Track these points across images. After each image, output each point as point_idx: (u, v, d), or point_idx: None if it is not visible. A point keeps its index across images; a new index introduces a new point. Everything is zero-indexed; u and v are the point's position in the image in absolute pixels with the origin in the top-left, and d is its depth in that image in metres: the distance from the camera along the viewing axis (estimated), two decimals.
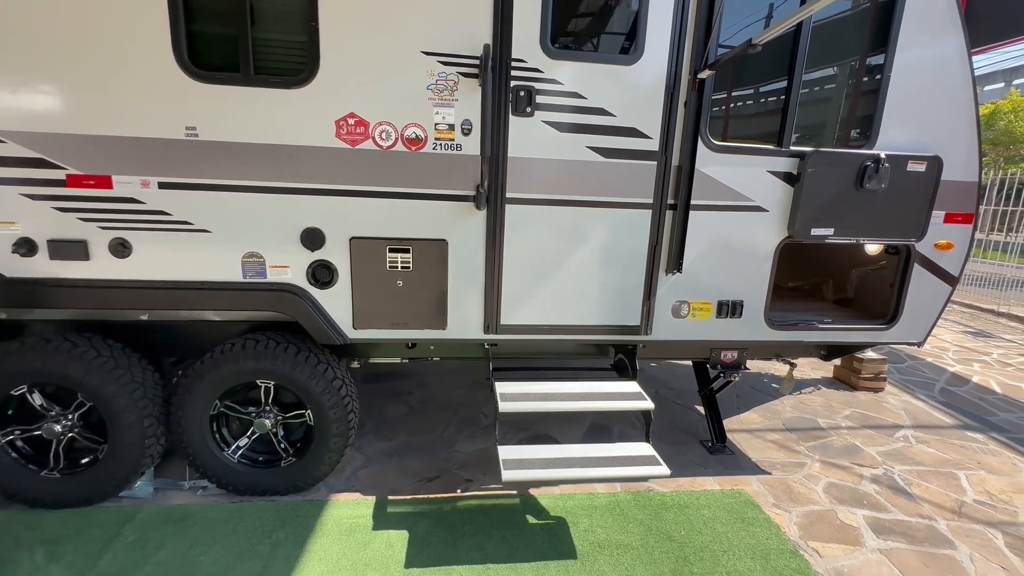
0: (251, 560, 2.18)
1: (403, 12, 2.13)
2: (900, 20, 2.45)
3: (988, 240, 10.10)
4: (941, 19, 2.47)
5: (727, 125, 2.87)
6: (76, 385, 2.33)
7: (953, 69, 2.50)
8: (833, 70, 2.80)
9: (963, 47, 2.49)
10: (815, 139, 2.75)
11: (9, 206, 2.13)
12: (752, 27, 2.56)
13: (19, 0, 1.96)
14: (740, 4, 2.50)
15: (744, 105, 2.89)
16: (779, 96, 2.52)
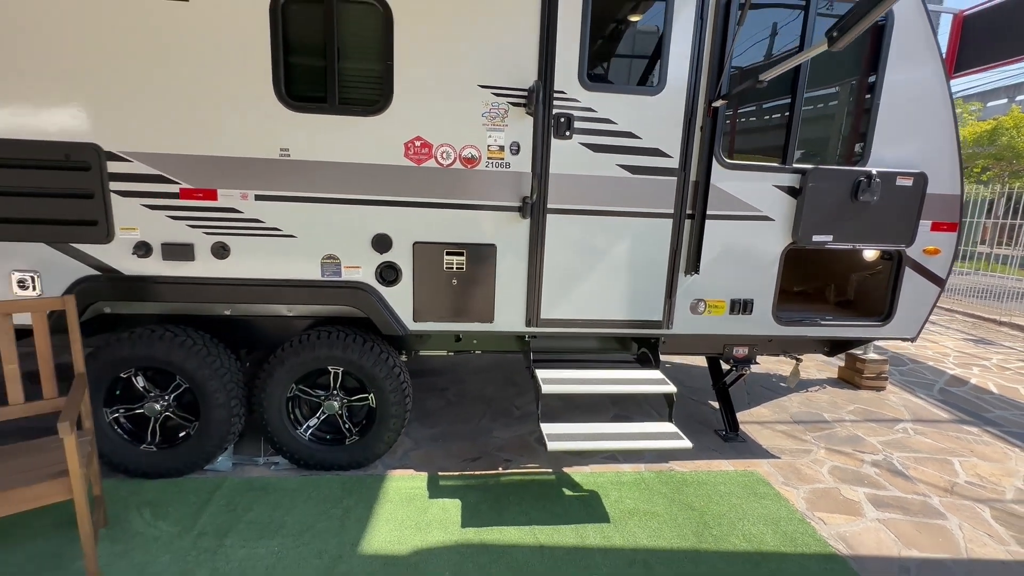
0: (328, 521, 2.52)
1: (463, 52, 2.54)
2: (887, 51, 2.83)
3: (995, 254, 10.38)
4: (921, 49, 2.85)
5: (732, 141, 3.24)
6: (176, 369, 2.70)
7: (934, 94, 2.87)
8: (830, 94, 3.17)
9: (941, 74, 2.87)
10: (815, 157, 3.11)
11: (132, 215, 2.53)
12: (761, 47, 2.95)
13: (145, 50, 2.38)
14: (748, 42, 2.89)
15: (751, 123, 3.26)
16: (783, 115, 2.89)
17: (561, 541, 2.44)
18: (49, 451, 2.15)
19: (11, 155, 2.40)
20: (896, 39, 2.81)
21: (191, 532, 2.39)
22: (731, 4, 2.61)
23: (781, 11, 2.93)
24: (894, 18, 2.78)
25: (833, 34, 1.85)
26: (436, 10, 2.49)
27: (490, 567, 2.25)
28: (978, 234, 10.30)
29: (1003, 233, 9.38)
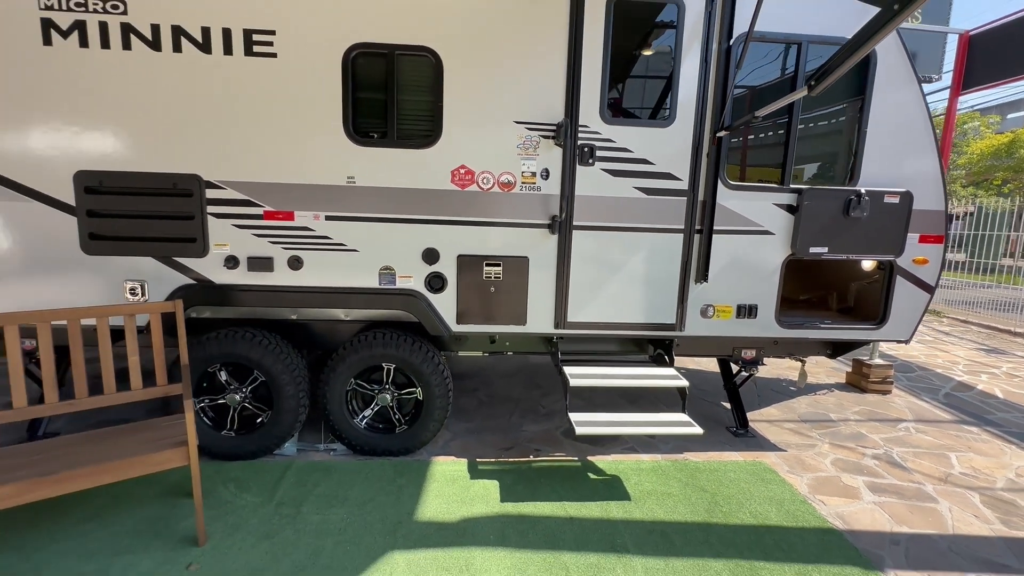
0: (385, 495, 2.91)
1: (502, 94, 2.99)
2: (872, 84, 3.21)
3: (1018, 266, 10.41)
4: (902, 82, 3.22)
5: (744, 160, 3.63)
6: (255, 365, 3.15)
7: (916, 121, 3.24)
8: (824, 122, 3.55)
9: (921, 103, 3.23)
10: (810, 178, 3.48)
11: (224, 233, 3.02)
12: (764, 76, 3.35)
13: (239, 96, 2.89)
14: (746, 80, 3.30)
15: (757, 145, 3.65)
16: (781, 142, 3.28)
17: (588, 514, 2.79)
18: (161, 428, 2.59)
19: (130, 184, 2.91)
20: (879, 73, 3.19)
21: (271, 502, 2.81)
22: (731, 49, 3.03)
23: (780, 47, 3.32)
24: (877, 55, 3.17)
25: (811, 83, 2.25)
26: (479, 60, 2.96)
27: (527, 533, 2.61)
28: (999, 247, 10.29)
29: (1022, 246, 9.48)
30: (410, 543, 2.51)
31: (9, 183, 2.87)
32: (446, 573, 2.31)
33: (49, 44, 2.77)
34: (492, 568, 2.35)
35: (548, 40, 2.97)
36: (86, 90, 2.83)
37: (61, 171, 2.88)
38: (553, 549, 2.50)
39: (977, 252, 9.73)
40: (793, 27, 3.07)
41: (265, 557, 2.38)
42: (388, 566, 2.34)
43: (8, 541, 2.43)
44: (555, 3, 2.94)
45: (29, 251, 2.94)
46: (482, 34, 2.94)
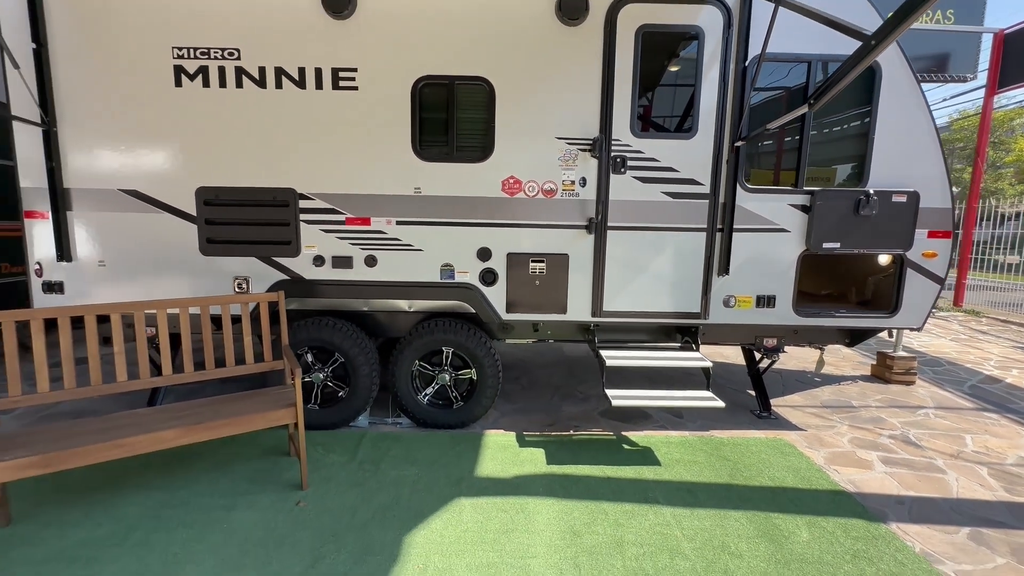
0: (447, 458, 3.41)
1: (546, 114, 3.49)
2: (878, 92, 3.56)
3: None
4: (906, 90, 3.55)
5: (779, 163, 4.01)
6: (336, 348, 3.72)
7: (920, 126, 3.56)
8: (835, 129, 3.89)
9: (925, 109, 3.55)
10: (822, 180, 3.83)
11: (312, 236, 3.61)
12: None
13: (327, 123, 3.48)
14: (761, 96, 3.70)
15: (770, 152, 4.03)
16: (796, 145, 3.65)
17: (623, 475, 3.22)
18: (270, 395, 3.17)
19: (239, 197, 3.55)
20: (884, 83, 3.53)
21: (354, 461, 3.35)
22: (747, 69, 3.44)
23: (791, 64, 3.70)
24: (881, 67, 3.51)
25: (811, 101, 2.65)
26: (525, 86, 3.47)
27: (571, 488, 3.06)
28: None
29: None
30: (472, 492, 2.99)
31: (146, 198, 3.54)
32: (504, 513, 2.79)
33: (179, 86, 3.44)
34: (543, 511, 2.81)
35: (585, 66, 3.46)
36: (206, 121, 3.48)
37: (185, 188, 3.54)
38: (593, 499, 2.94)
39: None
40: (801, 47, 3.46)
41: (356, 499, 2.91)
42: (457, 507, 2.84)
43: (153, 483, 3.04)
44: (591, 35, 3.42)
45: (160, 253, 3.60)
46: (528, 64, 3.45)
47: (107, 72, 3.42)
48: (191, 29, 3.38)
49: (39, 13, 3.34)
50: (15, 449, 2.41)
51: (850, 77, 2.43)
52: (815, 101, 2.62)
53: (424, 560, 2.41)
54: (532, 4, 3.39)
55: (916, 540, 2.62)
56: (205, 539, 2.54)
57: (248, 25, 3.38)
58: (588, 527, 2.68)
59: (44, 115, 3.41)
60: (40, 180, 3.51)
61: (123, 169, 3.52)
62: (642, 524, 2.71)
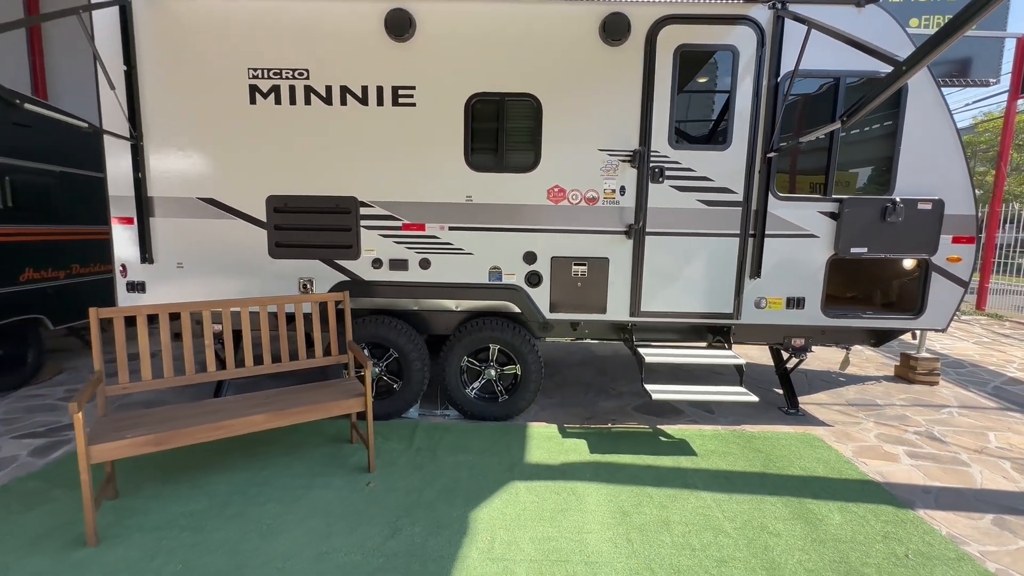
0: (497, 446, 3.68)
1: (589, 128, 3.75)
2: (904, 105, 3.75)
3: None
4: (931, 103, 3.74)
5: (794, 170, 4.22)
6: (391, 344, 4.02)
7: (944, 138, 3.75)
8: (863, 139, 4.09)
9: (949, 121, 3.74)
10: (850, 187, 4.03)
11: (371, 241, 3.91)
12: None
13: (384, 137, 3.77)
14: (791, 110, 3.92)
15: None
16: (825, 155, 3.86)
17: (663, 464, 3.46)
18: (338, 386, 3.46)
19: (305, 205, 3.86)
20: (911, 96, 3.73)
21: (411, 448, 3.64)
22: (779, 84, 3.67)
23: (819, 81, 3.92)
24: (907, 82, 3.71)
25: (843, 118, 2.87)
26: (570, 101, 3.73)
27: (615, 473, 3.31)
28: None
29: None
30: (525, 476, 3.26)
31: (221, 205, 3.87)
32: (556, 495, 3.05)
33: (254, 103, 3.77)
34: (591, 493, 3.07)
35: (626, 83, 3.72)
36: (277, 135, 3.80)
37: (257, 196, 3.87)
38: (638, 484, 3.19)
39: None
40: (829, 64, 3.67)
41: (420, 481, 3.19)
42: (513, 489, 3.10)
43: (236, 465, 3.35)
44: (632, 54, 3.68)
45: (232, 256, 3.93)
46: (573, 81, 3.72)
47: (189, 91, 3.76)
48: (265, 52, 3.71)
49: (130, 39, 3.69)
50: (128, 429, 2.73)
51: (882, 98, 2.66)
52: (847, 118, 2.85)
53: (491, 533, 2.67)
54: (577, 26, 3.66)
55: (942, 524, 2.82)
56: (292, 513, 2.84)
57: (317, 48, 3.70)
58: (635, 508, 2.93)
59: (133, 130, 3.76)
60: (127, 189, 3.86)
61: (201, 179, 3.86)
62: (685, 506, 2.95)
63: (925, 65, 2.43)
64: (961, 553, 2.57)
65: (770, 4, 3.61)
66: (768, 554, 2.55)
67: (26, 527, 2.70)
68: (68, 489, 3.06)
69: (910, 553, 2.56)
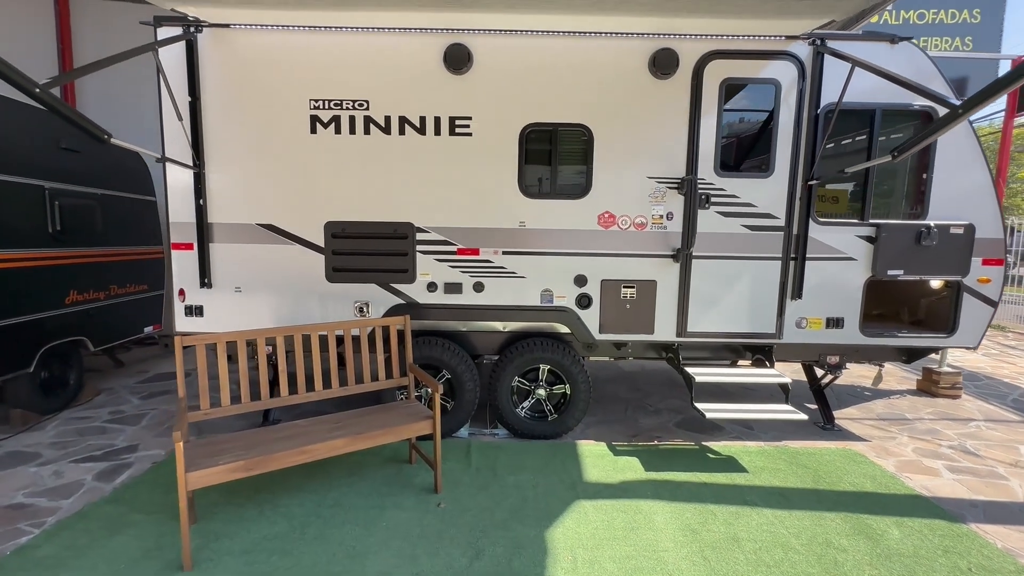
0: (553, 465, 3.77)
1: (638, 156, 3.91)
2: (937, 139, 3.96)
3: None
4: (963, 131, 3.95)
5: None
6: (444, 365, 4.12)
7: (975, 166, 3.95)
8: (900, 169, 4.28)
9: (979, 151, 3.95)
10: (887, 213, 4.21)
11: (427, 265, 4.03)
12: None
13: (443, 165, 3.91)
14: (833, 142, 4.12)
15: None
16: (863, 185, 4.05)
17: (718, 481, 3.58)
18: (400, 408, 3.55)
19: (363, 231, 3.97)
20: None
21: (470, 468, 3.72)
22: (819, 118, 3.86)
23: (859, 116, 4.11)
24: (938, 112, 3.92)
25: (895, 153, 3.05)
26: (620, 131, 3.90)
27: (675, 491, 3.42)
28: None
29: None
30: (589, 495, 3.36)
31: (280, 231, 3.98)
32: (623, 514, 3.15)
33: (314, 133, 3.89)
34: (657, 511, 3.17)
35: (673, 113, 3.89)
36: (336, 163, 3.92)
37: (315, 222, 3.98)
38: (699, 502, 3.30)
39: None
40: (868, 97, 3.87)
41: (488, 501, 3.28)
42: (580, 508, 3.20)
43: (304, 487, 3.42)
44: (680, 87, 3.86)
45: (290, 280, 4.02)
46: (622, 111, 3.88)
47: (251, 121, 3.88)
48: (327, 84, 3.84)
49: (195, 71, 3.81)
50: (217, 456, 2.80)
51: (937, 136, 2.85)
52: (899, 154, 3.03)
53: (571, 553, 2.77)
54: (628, 60, 3.83)
55: (996, 538, 2.97)
56: (372, 535, 2.92)
57: (377, 80, 3.84)
58: (703, 525, 3.04)
59: (196, 159, 3.86)
60: (187, 216, 3.95)
61: (261, 205, 3.96)
62: (750, 523, 3.07)
63: (982, 108, 2.61)
64: (1021, 566, 2.71)
65: (810, 40, 3.81)
66: (839, 569, 2.67)
67: (117, 551, 2.75)
68: (146, 513, 3.12)
69: (972, 567, 2.70)
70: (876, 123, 3.92)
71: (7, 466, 3.75)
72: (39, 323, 4.51)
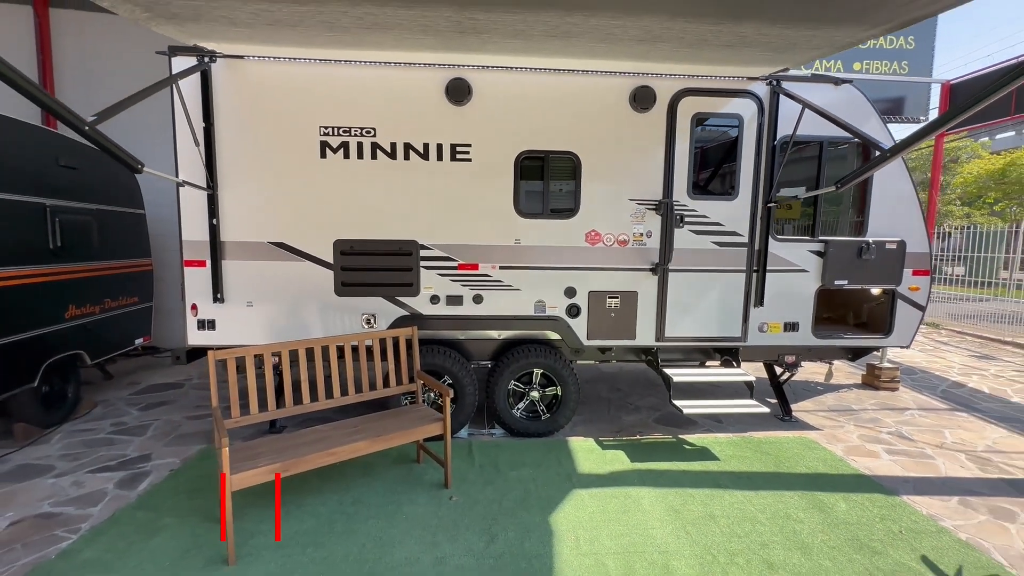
0: (550, 460, 4.17)
1: (621, 181, 4.37)
2: None
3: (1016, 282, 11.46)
4: (896, 167, 4.60)
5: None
6: (446, 371, 4.46)
7: (905, 192, 4.60)
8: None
9: (909, 180, 4.60)
10: (833, 231, 4.82)
11: (430, 279, 4.37)
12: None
13: (446, 188, 4.26)
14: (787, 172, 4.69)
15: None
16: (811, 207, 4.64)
17: (694, 469, 4.06)
18: (410, 412, 3.88)
19: (370, 249, 4.28)
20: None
21: (474, 465, 4.08)
22: (775, 148, 4.42)
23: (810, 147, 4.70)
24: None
25: (838, 184, 3.61)
26: (605, 158, 4.35)
27: (658, 478, 3.88)
28: (998, 265, 11.17)
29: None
30: (583, 485, 3.78)
31: (290, 249, 4.24)
32: (615, 499, 3.58)
33: (324, 157, 4.18)
34: (645, 496, 3.62)
35: (651, 143, 4.37)
36: (345, 186, 4.22)
37: (325, 240, 4.26)
38: (679, 487, 3.77)
39: (977, 271, 10.94)
40: (817, 131, 4.46)
41: (495, 494, 3.65)
42: (578, 496, 3.62)
43: (323, 488, 3.70)
44: (656, 119, 4.34)
45: (300, 294, 4.28)
46: (607, 140, 4.34)
47: (263, 146, 4.13)
48: (336, 112, 4.14)
49: (210, 98, 4.03)
50: (253, 460, 3.07)
51: (871, 172, 3.41)
52: (842, 185, 3.59)
53: (574, 534, 3.18)
54: (611, 95, 4.29)
55: (922, 507, 3.55)
56: (395, 526, 3.24)
57: (384, 110, 4.16)
58: (683, 506, 3.51)
59: (210, 181, 4.08)
60: (200, 234, 4.16)
61: (272, 225, 4.21)
62: (723, 502, 3.56)
63: (905, 153, 3.17)
64: (939, 527, 3.29)
65: (767, 81, 4.37)
66: (797, 536, 3.18)
67: (157, 552, 2.98)
68: (177, 517, 3.34)
69: (902, 529, 3.25)
70: (824, 153, 4.51)
71: (22, 478, 3.87)
72: (43, 338, 4.60)
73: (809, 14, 3.04)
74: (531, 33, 3.43)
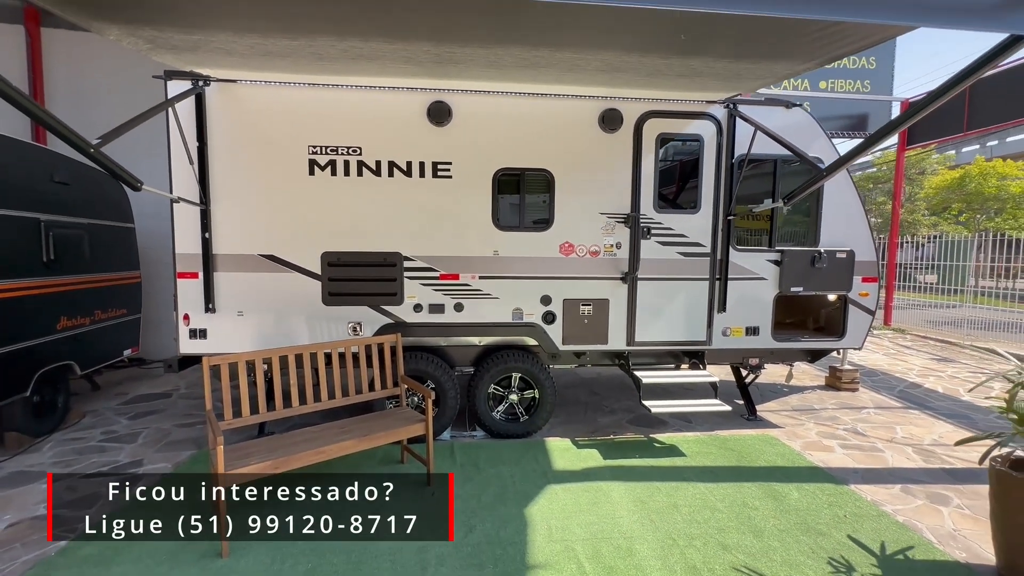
0: (527, 458, 4.42)
1: (592, 196, 4.70)
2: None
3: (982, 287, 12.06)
4: (843, 178, 5.00)
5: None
6: (430, 376, 4.70)
7: (852, 206, 5.00)
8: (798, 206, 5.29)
9: (856, 195, 5.00)
10: (789, 241, 5.19)
11: (413, 289, 4.62)
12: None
13: (427, 203, 4.54)
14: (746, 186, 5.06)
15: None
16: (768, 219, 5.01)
17: (662, 464, 4.34)
18: (394, 414, 4.11)
19: (356, 260, 4.53)
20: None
21: (456, 464, 4.31)
22: (733, 165, 4.79)
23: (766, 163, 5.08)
24: (823, 164, 4.94)
25: (785, 199, 3.97)
26: (577, 175, 4.67)
27: (629, 473, 4.15)
28: (961, 274, 11.74)
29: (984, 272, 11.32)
30: (559, 480, 4.03)
31: (280, 261, 4.46)
32: (587, 492, 3.84)
33: (312, 174, 4.43)
34: (615, 490, 3.88)
35: (620, 161, 4.70)
36: (332, 201, 4.47)
37: (313, 252, 4.49)
38: (647, 480, 4.04)
39: (946, 279, 11.49)
40: (770, 150, 4.83)
41: (475, 489, 3.88)
42: (552, 491, 3.87)
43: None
44: (624, 139, 4.68)
45: (289, 304, 4.50)
46: (580, 159, 4.66)
47: (254, 164, 4.38)
48: (324, 132, 4.40)
49: (203, 119, 4.27)
50: (247, 458, 3.28)
51: (812, 189, 3.77)
52: (788, 200, 3.95)
53: (547, 523, 3.43)
54: (582, 117, 4.63)
55: (867, 494, 3.87)
56: (388, 519, 3.45)
57: (369, 130, 4.44)
58: (650, 497, 3.78)
59: (203, 197, 4.31)
60: (193, 247, 4.37)
61: (262, 238, 4.44)
62: (686, 494, 3.84)
63: (839, 172, 3.54)
64: (880, 511, 3.60)
65: (725, 104, 4.75)
66: (751, 522, 3.46)
67: (154, 548, 3.17)
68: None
69: (847, 514, 3.56)
70: (778, 169, 4.89)
71: (17, 485, 4.00)
72: (36, 348, 4.73)
73: (746, 52, 3.42)
74: (503, 64, 3.75)
